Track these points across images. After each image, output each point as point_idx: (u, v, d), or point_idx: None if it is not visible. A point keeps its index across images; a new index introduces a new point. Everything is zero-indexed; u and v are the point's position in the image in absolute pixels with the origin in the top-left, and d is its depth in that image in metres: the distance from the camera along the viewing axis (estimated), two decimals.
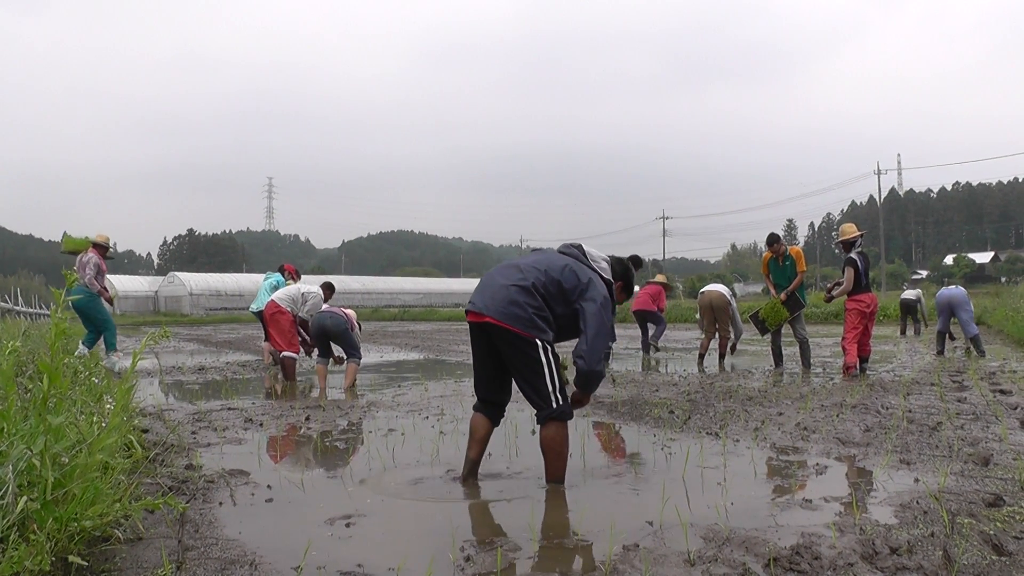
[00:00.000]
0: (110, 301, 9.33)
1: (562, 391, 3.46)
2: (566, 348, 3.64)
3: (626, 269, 3.94)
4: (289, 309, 8.43)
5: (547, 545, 2.70)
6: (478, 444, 3.69)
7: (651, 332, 12.00)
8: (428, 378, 8.49)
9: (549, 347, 3.44)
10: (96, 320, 9.30)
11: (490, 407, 3.69)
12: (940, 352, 10.88)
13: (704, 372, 9.20)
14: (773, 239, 9.10)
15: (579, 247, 3.76)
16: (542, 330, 3.41)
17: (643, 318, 12.02)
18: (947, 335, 11.23)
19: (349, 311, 8.11)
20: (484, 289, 3.54)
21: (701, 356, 10.33)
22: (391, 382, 8.62)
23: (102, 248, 9.40)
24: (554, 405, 3.43)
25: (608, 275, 3.70)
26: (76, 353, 8.95)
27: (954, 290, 10.95)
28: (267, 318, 8.57)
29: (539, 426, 3.52)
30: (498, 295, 3.44)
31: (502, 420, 3.81)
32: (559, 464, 3.53)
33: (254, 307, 10.69)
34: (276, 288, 9.76)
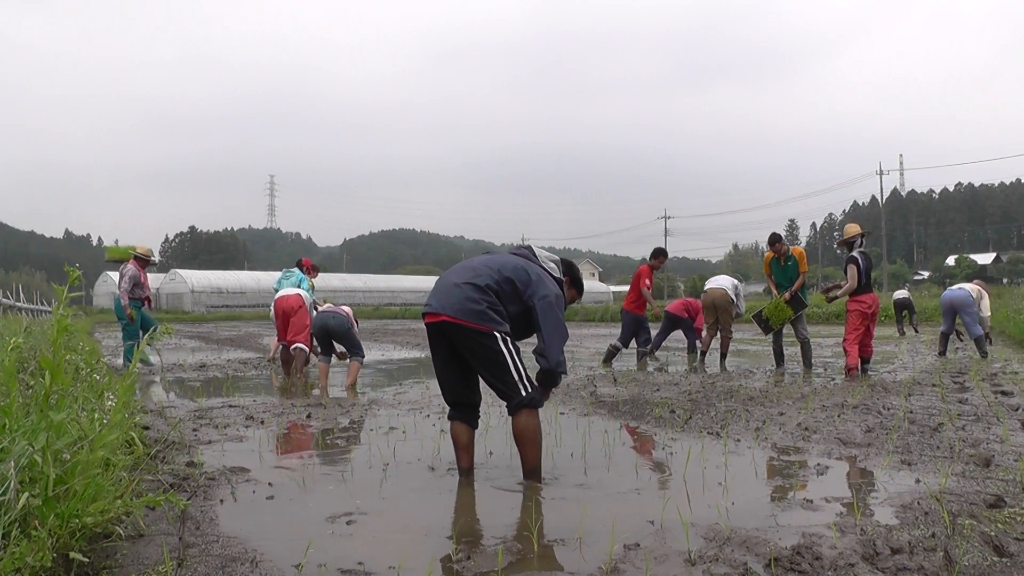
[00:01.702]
0: (131, 318, 9.49)
1: (529, 379, 3.48)
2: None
3: (570, 266, 3.98)
4: (309, 307, 8.56)
5: (548, 544, 2.70)
6: (465, 451, 3.71)
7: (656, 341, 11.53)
8: (429, 376, 8.48)
9: (508, 338, 3.47)
10: (124, 328, 9.54)
11: (464, 411, 3.70)
12: (942, 353, 10.85)
13: (706, 372, 9.19)
14: (775, 239, 9.10)
15: (529, 248, 3.85)
16: (499, 323, 3.45)
17: (672, 322, 11.66)
18: (949, 336, 11.09)
19: (346, 308, 8.14)
20: (438, 290, 3.58)
21: (703, 353, 10.32)
22: (392, 380, 8.63)
23: (143, 260, 9.61)
24: (523, 393, 3.45)
25: (559, 274, 3.78)
26: (150, 361, 9.47)
27: (956, 291, 10.78)
28: (287, 309, 8.55)
29: (510, 417, 3.53)
30: (452, 294, 3.48)
31: (503, 419, 3.80)
32: (534, 452, 3.54)
33: None
34: (299, 285, 9.75)
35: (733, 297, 10.30)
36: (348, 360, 8.01)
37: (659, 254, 10.25)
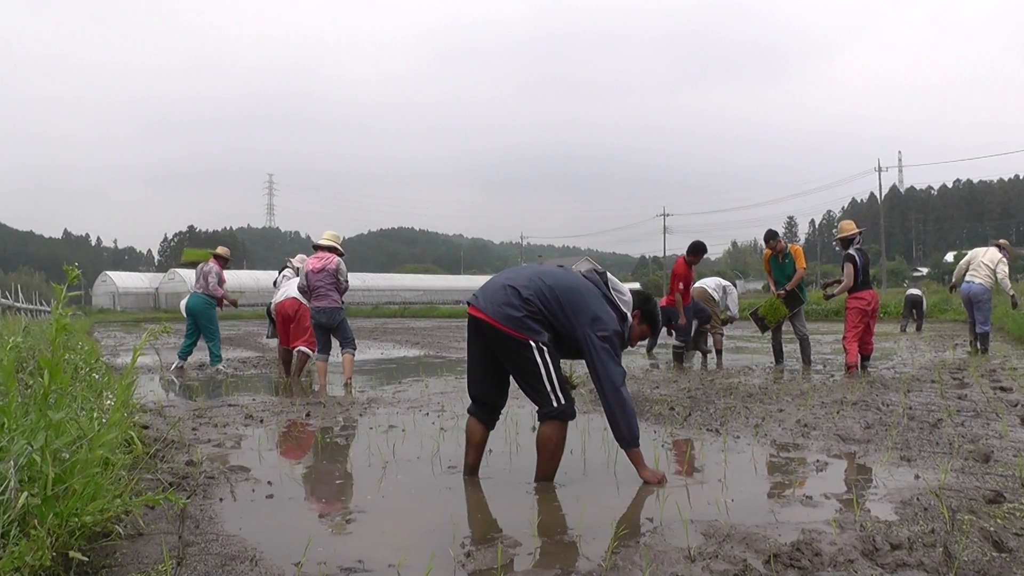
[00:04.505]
0: (234, 303, 9.93)
1: (563, 390, 3.40)
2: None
3: (646, 300, 3.77)
4: (305, 303, 8.51)
5: (547, 541, 2.70)
6: (474, 449, 3.68)
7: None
8: (428, 375, 8.49)
9: (545, 348, 3.35)
10: (205, 327, 9.71)
11: (484, 410, 3.64)
12: (974, 343, 10.40)
13: (706, 367, 9.19)
14: (770, 235, 9.11)
15: (603, 274, 3.64)
16: (536, 331, 3.35)
17: (666, 316, 11.47)
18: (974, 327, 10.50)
19: (329, 264, 7.72)
20: (488, 286, 3.53)
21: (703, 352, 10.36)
22: (391, 379, 8.63)
23: (223, 259, 9.82)
24: (554, 404, 3.38)
25: (627, 309, 3.59)
26: (174, 367, 9.55)
27: (974, 285, 10.19)
28: (286, 316, 8.55)
29: (538, 423, 3.50)
30: (496, 295, 3.41)
31: (504, 419, 3.78)
32: (551, 464, 3.51)
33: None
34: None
35: (714, 295, 10.32)
36: (340, 354, 8.00)
37: (697, 250, 9.39)
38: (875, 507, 3.02)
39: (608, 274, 3.67)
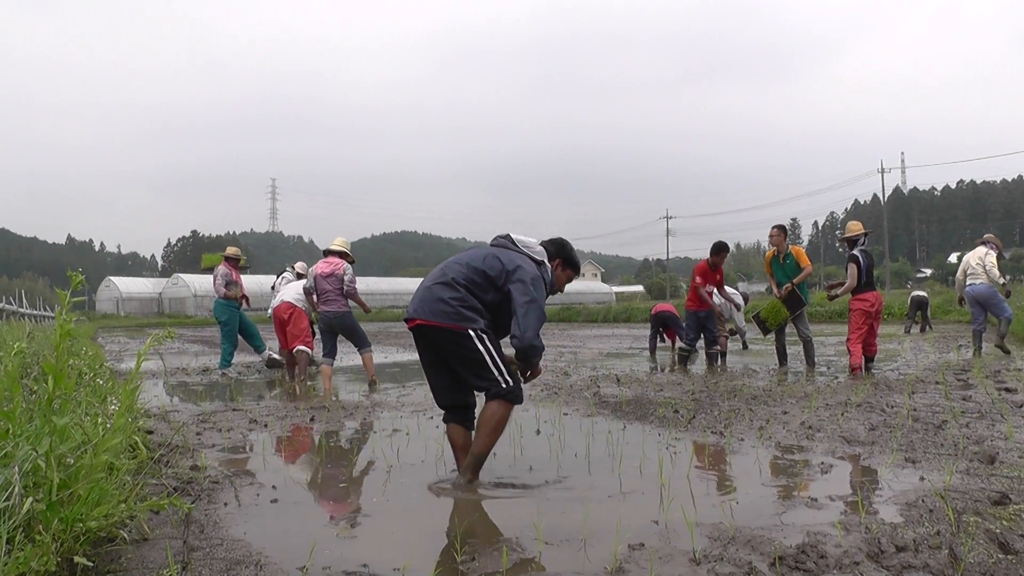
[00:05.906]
0: (245, 298, 9.96)
1: (511, 373, 3.48)
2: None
3: (561, 247, 3.90)
4: (303, 307, 8.54)
5: (552, 544, 2.69)
6: (462, 452, 3.71)
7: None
8: None
9: (484, 334, 3.45)
10: (222, 329, 9.82)
11: (458, 413, 3.71)
12: (977, 351, 10.20)
13: (712, 369, 9.18)
14: (776, 227, 9.13)
15: (507, 236, 3.79)
16: (471, 319, 3.44)
17: (663, 322, 11.48)
18: (983, 334, 10.36)
19: (337, 269, 7.79)
20: (415, 295, 3.62)
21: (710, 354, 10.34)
22: (395, 382, 8.63)
23: (233, 260, 9.96)
24: (503, 385, 3.45)
25: (542, 257, 3.71)
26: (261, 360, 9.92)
27: (979, 287, 10.09)
28: (282, 319, 8.63)
29: (486, 401, 3.51)
30: (424, 297, 3.52)
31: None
32: (488, 441, 3.52)
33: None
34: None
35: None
36: (360, 353, 8.09)
37: (719, 249, 9.25)
38: (880, 509, 3.02)
39: (512, 234, 3.79)
